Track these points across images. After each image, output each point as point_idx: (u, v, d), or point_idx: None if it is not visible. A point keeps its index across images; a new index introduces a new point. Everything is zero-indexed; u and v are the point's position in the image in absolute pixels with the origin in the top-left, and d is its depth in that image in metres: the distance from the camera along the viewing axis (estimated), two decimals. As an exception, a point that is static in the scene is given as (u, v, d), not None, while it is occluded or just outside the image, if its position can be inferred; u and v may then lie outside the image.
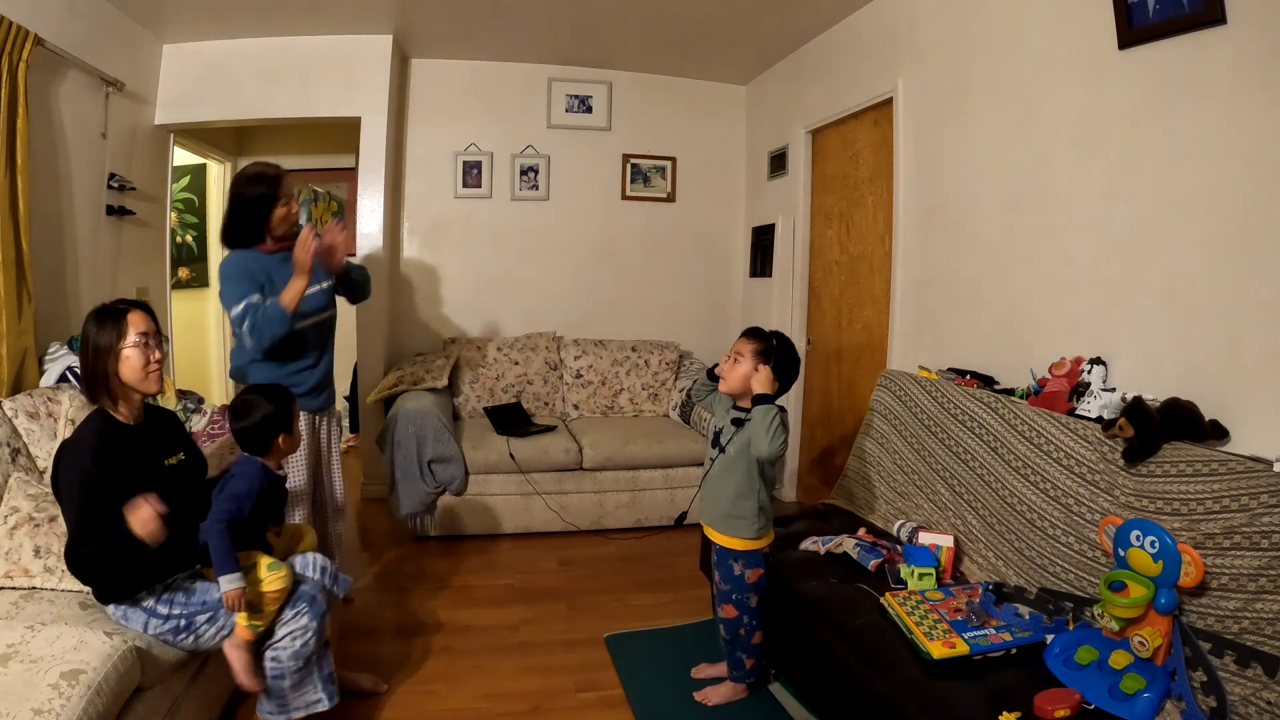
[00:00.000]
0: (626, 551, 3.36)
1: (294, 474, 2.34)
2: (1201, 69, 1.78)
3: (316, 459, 2.48)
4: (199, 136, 4.33)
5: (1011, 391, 2.27)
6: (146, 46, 3.44)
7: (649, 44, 3.93)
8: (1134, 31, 1.93)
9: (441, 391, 3.74)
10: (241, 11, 3.35)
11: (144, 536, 1.52)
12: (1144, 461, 1.72)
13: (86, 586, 1.69)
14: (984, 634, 1.67)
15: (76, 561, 1.59)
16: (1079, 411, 1.97)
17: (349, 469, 4.49)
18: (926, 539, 2.18)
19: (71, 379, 2.45)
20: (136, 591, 1.67)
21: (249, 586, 1.71)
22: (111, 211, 3.13)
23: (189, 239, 5.03)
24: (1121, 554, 1.61)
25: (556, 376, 4.15)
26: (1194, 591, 1.51)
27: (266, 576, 1.74)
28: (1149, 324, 1.93)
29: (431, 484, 3.28)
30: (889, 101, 3.10)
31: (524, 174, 4.33)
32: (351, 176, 4.58)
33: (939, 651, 1.61)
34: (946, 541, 2.15)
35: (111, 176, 3.12)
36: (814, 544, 2.30)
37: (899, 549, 2.19)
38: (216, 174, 4.96)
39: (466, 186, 4.27)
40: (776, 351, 2.02)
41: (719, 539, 2.08)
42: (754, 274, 4.41)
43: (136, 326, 1.69)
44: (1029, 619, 1.78)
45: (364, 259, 3.83)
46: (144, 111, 3.45)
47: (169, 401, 2.60)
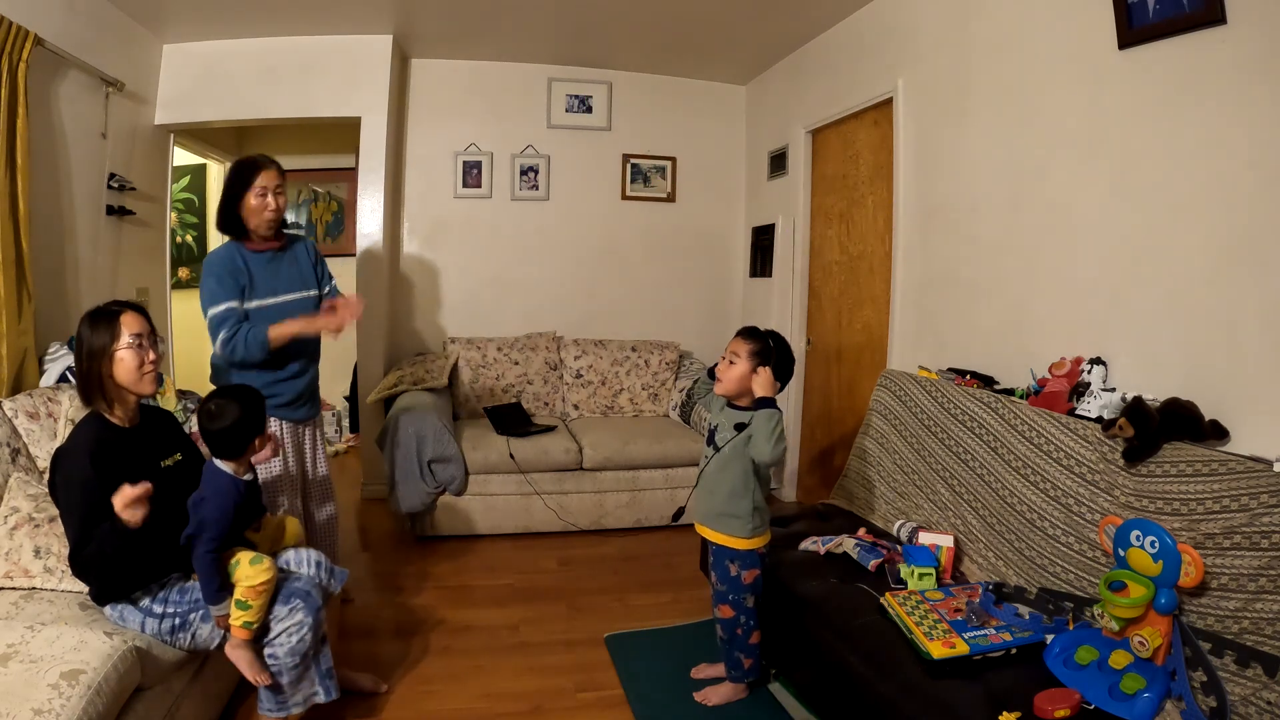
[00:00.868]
0: (626, 551, 3.35)
1: (274, 465, 2.31)
2: (1202, 69, 1.78)
3: (300, 468, 2.44)
4: (199, 136, 4.32)
5: (1011, 391, 2.27)
6: (146, 46, 3.44)
7: (649, 44, 3.93)
8: (1134, 32, 1.93)
9: (441, 391, 3.74)
10: (241, 11, 3.35)
11: (127, 519, 1.51)
12: (1144, 461, 1.72)
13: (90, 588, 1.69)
14: (984, 634, 1.67)
15: (80, 565, 1.59)
16: (1079, 411, 1.97)
17: (349, 469, 4.51)
18: (926, 539, 2.18)
19: (71, 379, 2.45)
20: (133, 590, 1.67)
21: (236, 584, 1.70)
22: (111, 211, 3.13)
23: (189, 239, 5.03)
24: (1121, 554, 1.61)
25: (556, 376, 4.15)
26: (1194, 591, 1.51)
27: (249, 571, 1.72)
28: (1149, 324, 1.93)
29: (431, 484, 3.27)
30: (889, 101, 3.10)
31: (524, 174, 4.33)
32: (351, 176, 4.59)
33: (939, 651, 1.61)
34: (946, 541, 2.15)
35: (111, 176, 3.12)
36: (814, 544, 2.30)
37: (899, 549, 2.19)
38: (216, 174, 4.96)
39: (466, 186, 4.27)
40: (774, 352, 2.02)
41: (713, 536, 2.08)
42: (754, 274, 4.41)
43: (130, 328, 1.69)
44: (1029, 619, 1.77)
45: (364, 259, 3.84)
46: (144, 111, 3.45)
47: (169, 402, 2.60)
